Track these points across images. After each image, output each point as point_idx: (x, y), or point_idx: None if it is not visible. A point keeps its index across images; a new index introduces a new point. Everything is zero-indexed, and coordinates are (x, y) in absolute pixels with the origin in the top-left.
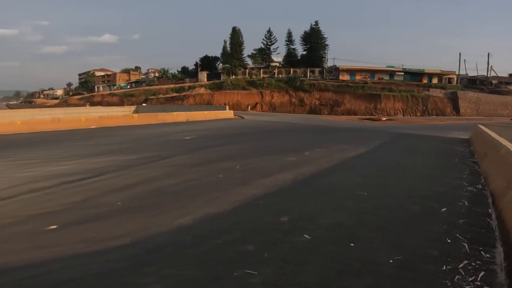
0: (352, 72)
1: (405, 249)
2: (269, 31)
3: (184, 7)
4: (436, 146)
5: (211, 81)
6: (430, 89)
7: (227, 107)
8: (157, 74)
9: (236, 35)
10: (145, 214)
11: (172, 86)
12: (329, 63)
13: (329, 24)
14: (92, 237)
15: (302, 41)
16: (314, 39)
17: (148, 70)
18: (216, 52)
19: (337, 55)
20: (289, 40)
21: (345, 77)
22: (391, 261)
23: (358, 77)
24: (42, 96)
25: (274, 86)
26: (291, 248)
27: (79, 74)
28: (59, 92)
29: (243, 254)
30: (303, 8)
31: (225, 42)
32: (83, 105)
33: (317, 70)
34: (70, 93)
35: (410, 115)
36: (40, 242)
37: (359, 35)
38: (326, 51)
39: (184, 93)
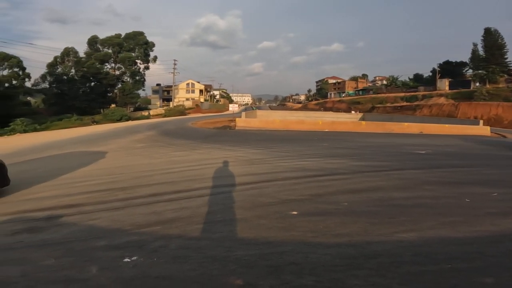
0: None
1: None
2: None
3: (408, 11)
4: None
5: (454, 90)
6: None
7: (481, 121)
8: (384, 82)
9: (491, 36)
10: (367, 220)
11: (402, 94)
12: None
13: None
14: (319, 229)
15: None
16: None
17: (375, 77)
18: (457, 57)
19: None
20: None
21: None
22: None
23: None
24: (291, 100)
25: None
26: None
27: (316, 82)
28: (302, 98)
29: (476, 284)
30: None
31: (474, 45)
32: (319, 109)
33: None
34: (309, 99)
35: None
36: (284, 224)
37: None
38: None
39: (416, 103)
